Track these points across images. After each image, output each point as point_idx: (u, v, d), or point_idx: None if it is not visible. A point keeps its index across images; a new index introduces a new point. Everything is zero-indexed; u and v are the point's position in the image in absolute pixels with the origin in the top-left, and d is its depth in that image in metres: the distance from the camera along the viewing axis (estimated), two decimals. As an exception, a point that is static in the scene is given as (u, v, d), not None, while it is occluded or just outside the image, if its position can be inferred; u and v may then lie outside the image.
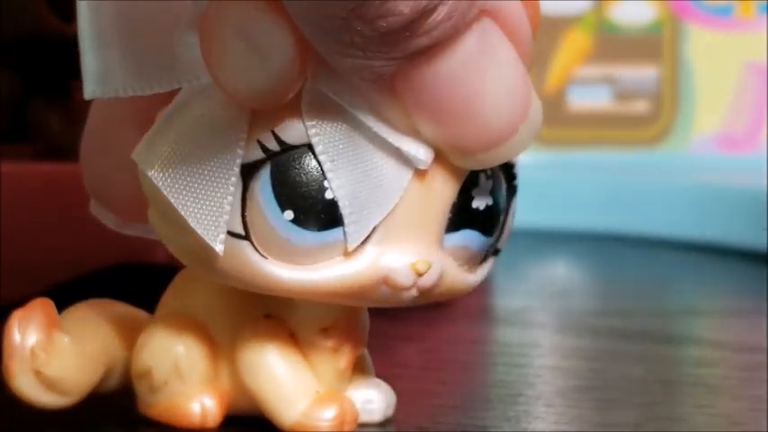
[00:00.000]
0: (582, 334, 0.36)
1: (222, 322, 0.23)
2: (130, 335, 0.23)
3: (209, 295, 0.23)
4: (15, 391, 0.22)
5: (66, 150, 0.36)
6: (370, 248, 0.21)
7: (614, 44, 0.66)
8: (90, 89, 0.20)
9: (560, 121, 0.66)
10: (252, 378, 0.22)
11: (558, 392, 0.28)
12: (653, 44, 0.65)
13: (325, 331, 0.22)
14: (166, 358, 0.23)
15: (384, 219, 0.20)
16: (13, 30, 0.37)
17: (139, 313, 0.24)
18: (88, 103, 0.24)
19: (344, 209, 0.20)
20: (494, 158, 0.20)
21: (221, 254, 0.20)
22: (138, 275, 0.32)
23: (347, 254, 0.20)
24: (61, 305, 0.23)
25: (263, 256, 0.21)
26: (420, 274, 0.21)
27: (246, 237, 0.20)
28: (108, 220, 0.24)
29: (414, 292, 0.21)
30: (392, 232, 0.21)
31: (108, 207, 0.24)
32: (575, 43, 0.66)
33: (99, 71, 0.19)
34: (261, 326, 0.22)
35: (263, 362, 0.22)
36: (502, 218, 0.22)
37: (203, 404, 0.23)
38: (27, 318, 0.22)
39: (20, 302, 0.22)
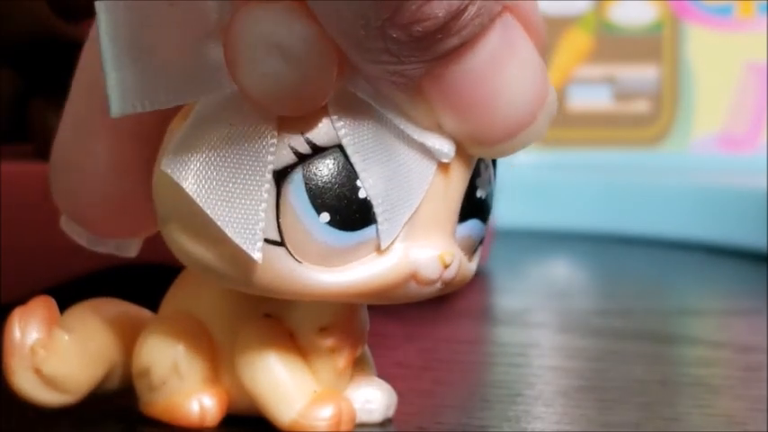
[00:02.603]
0: (582, 334, 0.36)
1: (222, 322, 0.23)
2: (133, 334, 0.23)
3: (209, 295, 0.23)
4: (15, 388, 0.22)
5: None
6: (397, 245, 0.21)
7: (614, 44, 0.66)
8: (117, 106, 0.19)
9: (560, 121, 0.66)
10: (250, 377, 0.22)
11: (557, 392, 0.28)
12: (653, 44, 0.65)
13: (324, 331, 0.22)
14: (166, 357, 0.23)
15: None
16: (13, 30, 0.37)
17: (144, 313, 0.24)
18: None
19: (377, 207, 0.20)
20: (514, 147, 0.21)
21: (260, 261, 0.20)
22: (138, 275, 0.32)
23: (379, 252, 0.21)
24: (61, 305, 0.23)
25: (297, 261, 0.20)
26: (446, 266, 0.21)
27: (282, 243, 0.20)
28: (79, 236, 0.23)
29: (439, 285, 0.21)
30: (417, 227, 0.21)
31: (76, 221, 0.23)
32: (575, 43, 0.66)
33: (123, 87, 0.19)
34: (260, 325, 0.22)
35: (262, 361, 0.22)
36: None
37: (202, 403, 0.23)
38: (28, 315, 0.22)
39: (20, 302, 0.22)
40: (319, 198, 0.20)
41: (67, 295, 0.24)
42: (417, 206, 0.20)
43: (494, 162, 0.22)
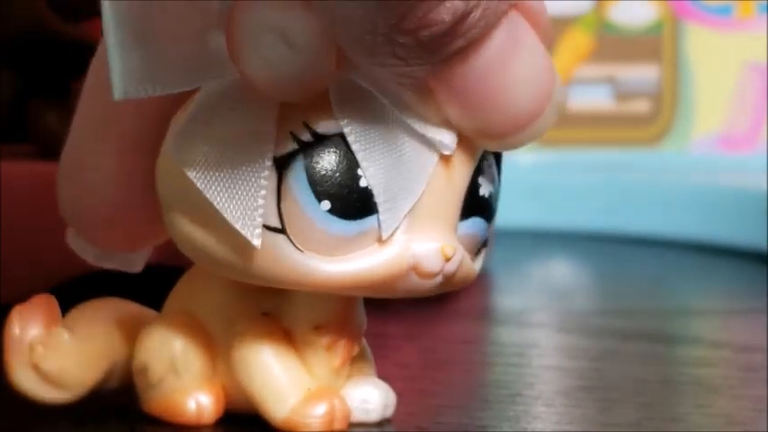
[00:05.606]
0: (582, 334, 0.36)
1: (220, 320, 0.23)
2: (135, 333, 0.23)
3: (208, 293, 0.23)
4: (14, 385, 0.22)
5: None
6: (399, 236, 0.21)
7: (614, 44, 0.66)
8: (119, 88, 0.19)
9: (560, 121, 0.66)
10: (244, 374, 0.22)
11: (557, 392, 0.28)
12: (653, 44, 0.65)
13: (320, 329, 0.22)
14: (163, 355, 0.23)
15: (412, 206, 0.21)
16: (12, 30, 0.37)
17: (146, 311, 0.24)
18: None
19: (378, 196, 0.20)
20: (522, 140, 0.21)
21: (258, 247, 0.20)
22: (139, 275, 0.32)
23: (380, 242, 0.21)
24: (61, 305, 0.23)
25: (298, 249, 0.21)
26: (448, 259, 0.21)
27: (282, 230, 0.20)
28: (85, 252, 0.24)
29: (439, 279, 0.21)
30: (418, 219, 0.21)
31: (82, 233, 0.23)
32: (575, 43, 0.66)
33: (126, 71, 0.19)
34: (256, 323, 0.22)
35: (256, 358, 0.22)
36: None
37: (199, 401, 0.23)
38: (27, 312, 0.22)
39: (20, 302, 0.22)
40: (320, 186, 0.20)
41: (67, 295, 0.24)
42: (419, 198, 0.21)
43: (498, 161, 0.22)
